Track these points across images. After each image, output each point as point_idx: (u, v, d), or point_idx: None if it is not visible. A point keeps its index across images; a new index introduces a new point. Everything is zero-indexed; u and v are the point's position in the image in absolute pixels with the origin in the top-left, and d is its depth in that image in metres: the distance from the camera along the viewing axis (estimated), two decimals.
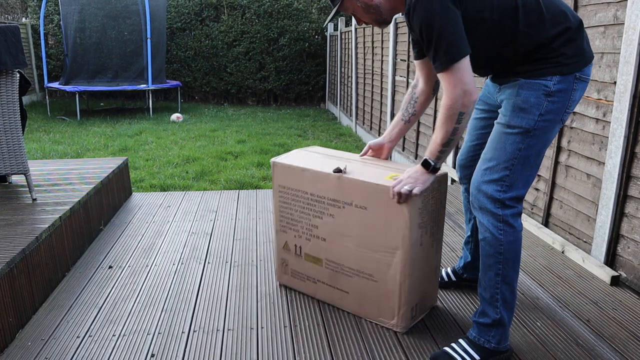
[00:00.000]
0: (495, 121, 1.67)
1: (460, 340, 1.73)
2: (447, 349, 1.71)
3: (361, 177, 1.83)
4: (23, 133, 2.62)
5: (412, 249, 1.78)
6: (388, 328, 1.91)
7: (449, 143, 1.60)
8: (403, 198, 1.69)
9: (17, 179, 3.03)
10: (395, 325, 1.90)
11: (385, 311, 1.92)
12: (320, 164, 1.99)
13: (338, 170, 1.88)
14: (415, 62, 1.90)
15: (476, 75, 1.65)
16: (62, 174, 3.16)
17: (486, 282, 1.67)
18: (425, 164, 1.67)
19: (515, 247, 1.63)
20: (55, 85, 9.00)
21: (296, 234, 2.08)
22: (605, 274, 2.32)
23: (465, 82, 1.49)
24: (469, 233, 2.09)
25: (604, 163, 2.42)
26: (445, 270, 2.26)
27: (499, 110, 1.68)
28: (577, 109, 2.63)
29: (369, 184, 1.80)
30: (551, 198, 2.86)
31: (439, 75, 1.53)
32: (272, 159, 2.06)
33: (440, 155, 1.64)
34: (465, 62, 1.49)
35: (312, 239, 2.04)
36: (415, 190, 1.66)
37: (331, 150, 2.19)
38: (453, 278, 2.22)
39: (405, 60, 5.40)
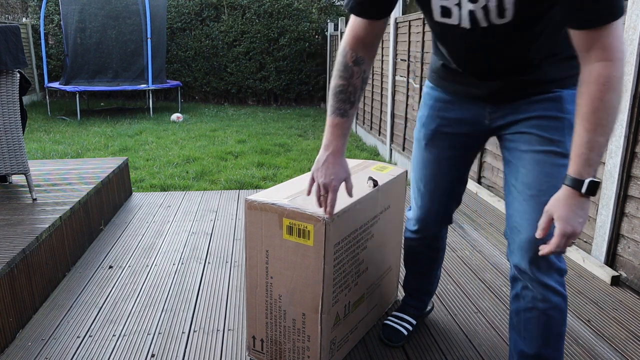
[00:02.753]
0: (534, 148, 1.23)
1: None
2: None
3: (381, 179, 1.75)
4: (23, 133, 2.62)
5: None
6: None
7: (608, 142, 1.06)
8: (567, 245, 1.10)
9: (17, 179, 3.03)
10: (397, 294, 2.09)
11: (393, 289, 2.02)
12: (342, 190, 1.57)
13: (375, 182, 1.68)
14: (363, 22, 1.26)
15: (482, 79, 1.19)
16: (62, 173, 3.16)
17: (556, 356, 1.32)
18: (583, 187, 1.06)
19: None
20: (55, 85, 9.00)
21: (347, 291, 1.63)
22: (605, 274, 2.32)
23: (624, 50, 1.03)
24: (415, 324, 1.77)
25: (604, 163, 2.42)
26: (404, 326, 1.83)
27: (524, 131, 1.26)
28: None
29: (394, 179, 1.81)
30: None
31: (588, 39, 1.03)
32: (320, 222, 1.41)
33: (597, 167, 1.07)
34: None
35: (359, 280, 1.70)
36: (575, 236, 1.09)
37: (298, 179, 1.73)
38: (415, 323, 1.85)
39: (405, 60, 5.40)
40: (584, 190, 1.05)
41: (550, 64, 1.22)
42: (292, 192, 1.59)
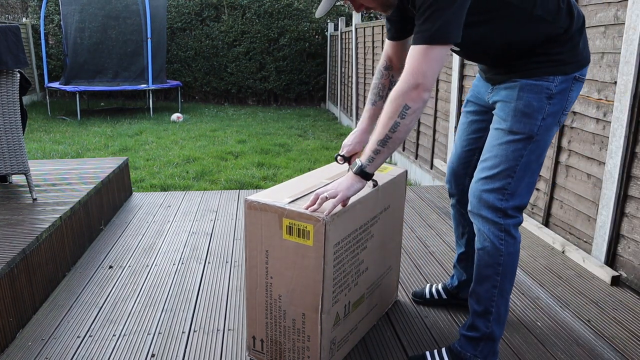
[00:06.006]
0: (492, 126, 1.57)
1: (443, 350, 1.68)
2: (427, 353, 1.68)
3: (381, 179, 1.75)
4: (23, 133, 2.62)
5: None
6: (391, 332, 1.91)
7: (386, 142, 1.39)
8: (317, 205, 1.45)
9: (17, 179, 3.03)
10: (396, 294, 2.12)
11: (393, 289, 2.04)
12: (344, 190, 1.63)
13: (374, 182, 1.71)
14: (390, 42, 1.74)
15: (471, 62, 1.51)
16: (62, 173, 3.16)
17: (481, 294, 1.58)
18: (354, 166, 1.47)
19: (514, 259, 1.56)
20: (55, 85, 9.00)
21: (347, 291, 1.63)
22: (605, 274, 2.32)
23: (426, 74, 1.33)
24: (462, 249, 1.93)
25: (604, 163, 2.42)
26: (435, 287, 2.09)
27: (493, 113, 1.58)
28: (577, 109, 2.63)
29: (394, 179, 1.82)
30: (551, 198, 2.86)
31: (409, 53, 1.37)
32: (320, 222, 1.43)
33: (373, 157, 1.43)
34: (442, 52, 1.34)
35: (359, 280, 1.70)
36: (337, 198, 1.44)
37: (298, 179, 1.77)
38: (444, 296, 2.06)
39: None
40: (354, 170, 1.47)
41: (517, 60, 1.50)
42: (292, 193, 1.59)
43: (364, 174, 1.46)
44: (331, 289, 1.52)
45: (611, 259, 2.39)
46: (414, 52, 1.35)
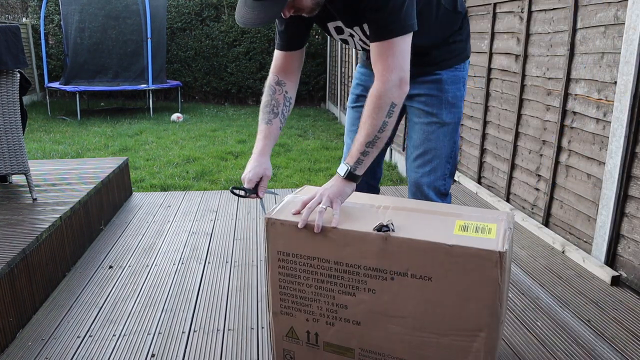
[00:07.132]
0: (420, 120, 1.63)
1: None
2: None
3: (419, 234, 1.30)
4: (23, 133, 2.62)
5: (498, 328, 1.30)
6: None
7: (374, 143, 1.35)
8: (317, 224, 1.32)
9: (17, 179, 3.03)
10: None
11: None
12: (343, 216, 1.40)
13: (382, 228, 1.31)
14: (282, 53, 1.63)
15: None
16: (62, 173, 3.16)
17: None
18: (342, 170, 1.38)
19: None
20: (55, 85, 9.00)
21: (309, 316, 1.49)
22: (605, 273, 2.32)
23: (404, 68, 1.33)
24: None
25: (604, 163, 2.42)
26: None
27: (411, 106, 1.66)
28: (577, 109, 2.62)
29: (437, 244, 1.27)
30: (551, 198, 2.86)
31: (377, 52, 1.33)
32: (267, 215, 1.40)
33: (362, 159, 1.36)
34: (409, 42, 1.34)
35: (336, 323, 1.47)
36: (335, 207, 1.34)
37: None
38: None
39: None
40: (343, 174, 1.39)
41: (437, 49, 1.56)
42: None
43: (353, 177, 1.39)
44: (278, 290, 1.50)
45: (611, 259, 2.39)
46: (384, 48, 1.33)
